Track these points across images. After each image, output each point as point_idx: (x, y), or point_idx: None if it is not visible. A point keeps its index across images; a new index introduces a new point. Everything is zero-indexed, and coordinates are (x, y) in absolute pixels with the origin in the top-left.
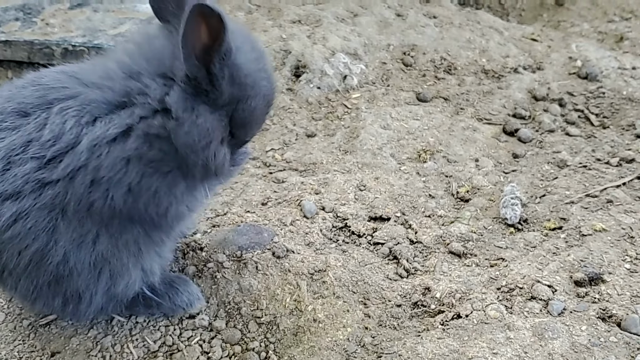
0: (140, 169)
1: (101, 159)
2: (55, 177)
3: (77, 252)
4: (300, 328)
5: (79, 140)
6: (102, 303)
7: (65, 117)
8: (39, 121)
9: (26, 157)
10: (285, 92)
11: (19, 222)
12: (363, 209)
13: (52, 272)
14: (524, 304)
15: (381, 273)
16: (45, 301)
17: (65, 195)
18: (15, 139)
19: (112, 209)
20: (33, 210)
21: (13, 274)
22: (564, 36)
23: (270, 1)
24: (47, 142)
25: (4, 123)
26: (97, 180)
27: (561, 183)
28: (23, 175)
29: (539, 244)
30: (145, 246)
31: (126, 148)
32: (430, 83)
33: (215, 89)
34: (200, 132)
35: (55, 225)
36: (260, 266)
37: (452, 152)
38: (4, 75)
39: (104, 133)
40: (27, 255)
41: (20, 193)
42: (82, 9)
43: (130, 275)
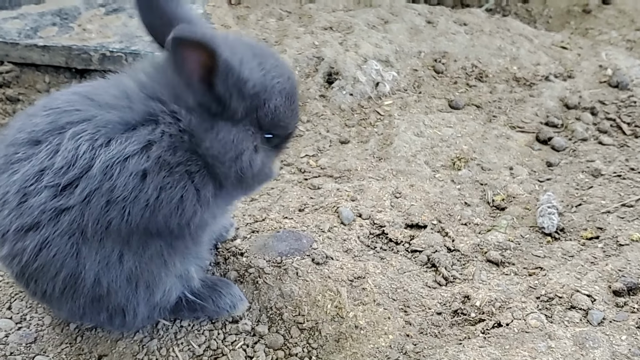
0: (159, 182)
1: (113, 179)
2: (72, 203)
3: (107, 273)
4: (342, 334)
5: (93, 163)
6: (147, 312)
7: (78, 142)
8: (50, 148)
9: (40, 187)
10: (318, 98)
11: (43, 251)
12: (399, 216)
13: (90, 294)
14: (564, 313)
15: (420, 281)
16: (92, 317)
17: (82, 219)
18: (28, 169)
19: (129, 227)
20: (54, 238)
21: (53, 298)
22: (592, 44)
23: (301, 8)
24: (60, 170)
25: (16, 155)
26: (112, 201)
27: (596, 192)
28: (39, 205)
29: (577, 253)
30: (171, 257)
31: (143, 160)
32: (462, 90)
33: (227, 107)
34: (225, 145)
35: (79, 249)
36: (300, 272)
37: (486, 160)
38: (41, 79)
39: (120, 152)
40: (60, 281)
41: (39, 223)
42: (118, 15)
43: (165, 284)
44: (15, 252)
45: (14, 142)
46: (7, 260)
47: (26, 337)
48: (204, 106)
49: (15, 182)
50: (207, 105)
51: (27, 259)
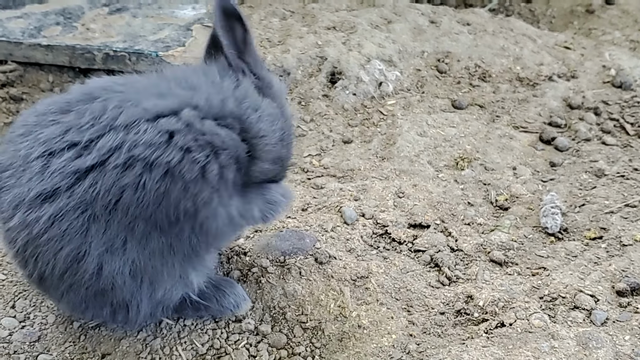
0: (185, 142)
1: (139, 135)
2: (89, 164)
3: (110, 259)
4: (345, 334)
5: (117, 118)
6: (150, 309)
7: (107, 103)
8: (80, 111)
9: (63, 146)
10: (321, 98)
11: (55, 224)
12: (402, 216)
13: (92, 283)
14: (567, 314)
15: (423, 280)
16: (95, 312)
17: (95, 187)
18: (55, 129)
19: (140, 206)
20: (68, 210)
21: (52, 281)
22: (596, 44)
23: (304, 7)
24: (84, 125)
25: (45, 120)
26: (130, 163)
27: (600, 192)
28: (60, 168)
29: (580, 253)
30: (170, 257)
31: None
32: (465, 90)
33: None
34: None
35: (88, 227)
36: (303, 272)
37: (490, 160)
38: (44, 78)
39: (148, 109)
40: (61, 259)
41: (57, 191)
42: (122, 15)
43: (166, 282)
44: (27, 223)
45: (44, 111)
46: (15, 232)
47: (30, 336)
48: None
49: (40, 143)
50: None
51: (37, 230)
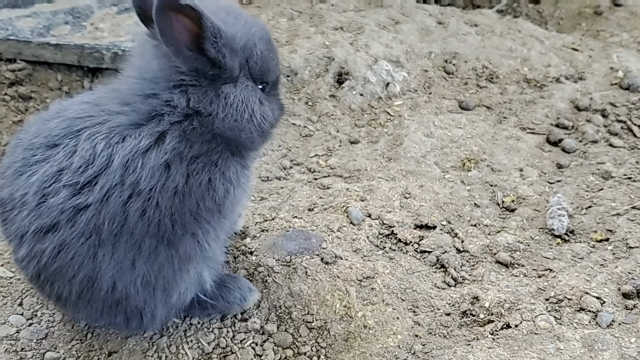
0: (184, 170)
1: (137, 172)
2: (90, 201)
3: (122, 277)
4: (351, 334)
5: (111, 159)
6: (164, 314)
7: (94, 142)
8: (67, 149)
9: (59, 187)
10: (328, 98)
11: (62, 253)
12: (409, 217)
13: (106, 298)
14: (573, 315)
15: (429, 281)
16: (109, 320)
17: (99, 218)
18: (46, 170)
19: (148, 223)
20: (72, 239)
21: (69, 301)
22: (604, 46)
23: (312, 8)
24: (78, 169)
25: (34, 157)
26: (134, 194)
27: (607, 194)
28: (58, 204)
29: (586, 255)
30: (183, 265)
31: (163, 152)
32: (472, 91)
33: (223, 67)
34: (238, 108)
35: (95, 252)
36: (309, 271)
37: (496, 161)
38: (53, 77)
39: (135, 146)
40: (77, 284)
41: (58, 224)
42: (130, 14)
43: (180, 286)
44: (33, 254)
45: (31, 146)
46: (25, 262)
47: (37, 333)
48: (199, 74)
49: (33, 183)
50: (203, 71)
51: (45, 260)
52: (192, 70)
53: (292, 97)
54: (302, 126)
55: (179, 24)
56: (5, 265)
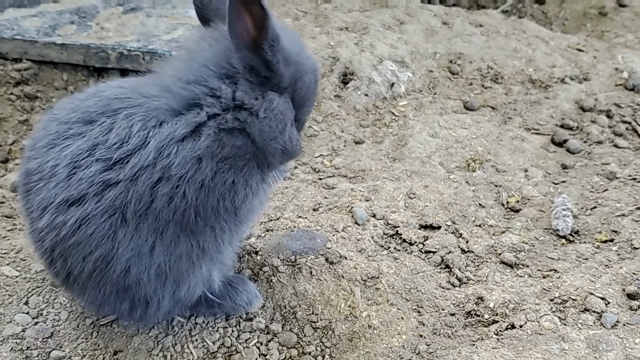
0: (214, 166)
1: (170, 157)
2: (121, 178)
3: (137, 262)
4: (356, 334)
5: (147, 141)
6: (170, 307)
7: (131, 122)
8: (104, 126)
9: (92, 160)
10: (333, 98)
11: (82, 227)
12: (413, 217)
13: (117, 281)
14: (577, 316)
15: (434, 281)
16: (113, 306)
17: (127, 196)
18: (81, 144)
19: (173, 210)
20: (96, 215)
21: (79, 280)
22: (608, 47)
23: (317, 8)
24: (113, 145)
25: (70, 131)
26: (164, 178)
27: (611, 195)
28: (88, 177)
29: (591, 256)
30: (199, 259)
31: (197, 147)
32: (477, 92)
33: (275, 73)
34: (276, 117)
35: (115, 231)
36: (314, 271)
37: (501, 162)
38: (59, 77)
39: (172, 133)
40: (91, 262)
41: (85, 197)
42: (136, 14)
43: (190, 281)
44: (54, 225)
45: (67, 120)
46: (43, 233)
47: (43, 332)
48: (253, 71)
49: (66, 155)
50: (256, 70)
51: (64, 233)
52: (246, 66)
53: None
54: (307, 126)
55: (246, 21)
56: (10, 264)
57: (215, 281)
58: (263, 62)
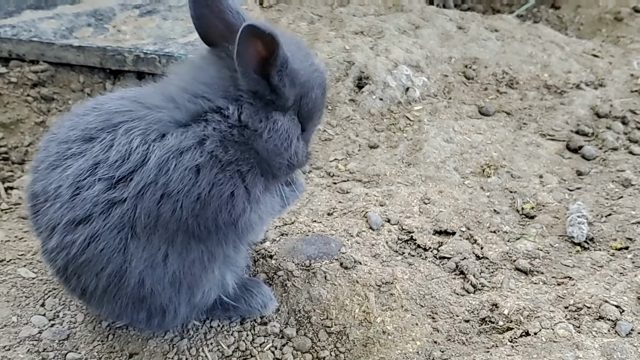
0: (212, 178)
1: (169, 173)
2: (125, 196)
3: (151, 272)
4: (370, 339)
5: (147, 158)
6: (187, 313)
7: (131, 137)
8: (104, 143)
9: (94, 180)
10: (347, 102)
11: (92, 244)
12: (428, 223)
13: (133, 293)
14: (592, 324)
15: (448, 287)
16: (130, 317)
17: (134, 212)
18: (82, 163)
19: (178, 222)
20: (104, 231)
21: (94, 295)
22: (624, 52)
23: (332, 12)
24: (114, 163)
25: (69, 150)
26: (166, 195)
27: (626, 202)
28: (92, 197)
29: (606, 263)
30: (211, 264)
31: (198, 154)
32: (492, 97)
33: (280, 96)
34: (281, 136)
35: (126, 245)
36: (328, 276)
37: (516, 168)
38: (75, 79)
39: (174, 145)
40: (104, 278)
41: (91, 216)
42: (152, 17)
43: (204, 286)
44: (63, 245)
45: (66, 139)
46: (53, 253)
47: (59, 334)
48: (257, 95)
49: (68, 176)
50: (261, 94)
51: (75, 252)
52: (251, 90)
53: None
54: (322, 130)
55: (254, 48)
56: (27, 266)
57: (230, 284)
58: (269, 86)
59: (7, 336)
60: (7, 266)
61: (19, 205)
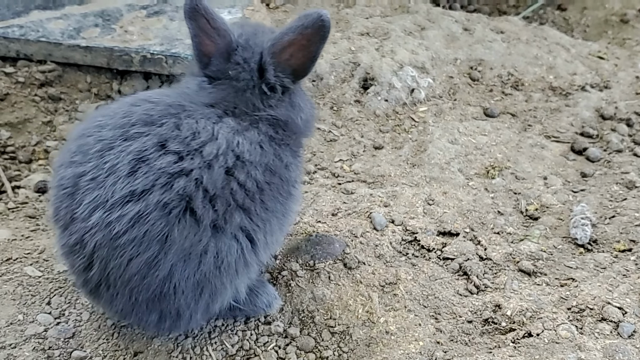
0: (273, 149)
1: (240, 145)
2: (194, 166)
3: (182, 267)
4: (373, 339)
5: (215, 133)
6: (201, 319)
7: (195, 119)
8: (169, 125)
9: (160, 154)
10: (353, 103)
11: (137, 224)
12: (432, 224)
13: (156, 289)
14: (594, 325)
15: (451, 288)
16: (140, 316)
17: (200, 182)
18: (146, 141)
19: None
20: (156, 208)
21: (113, 286)
22: (630, 54)
23: (338, 13)
24: (186, 138)
25: (128, 133)
26: (238, 163)
27: (630, 204)
28: (158, 169)
29: (609, 265)
30: (241, 269)
31: (257, 134)
32: (497, 98)
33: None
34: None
35: (170, 230)
36: (332, 276)
37: (520, 169)
38: (83, 79)
39: (236, 126)
40: (135, 265)
41: (151, 189)
42: (159, 17)
43: (225, 295)
44: (106, 222)
45: (122, 124)
46: (88, 233)
47: (64, 332)
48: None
49: (129, 152)
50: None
51: (117, 230)
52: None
53: (318, 101)
54: (327, 131)
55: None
56: (33, 264)
57: (242, 293)
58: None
59: (13, 334)
60: (13, 265)
61: (26, 204)
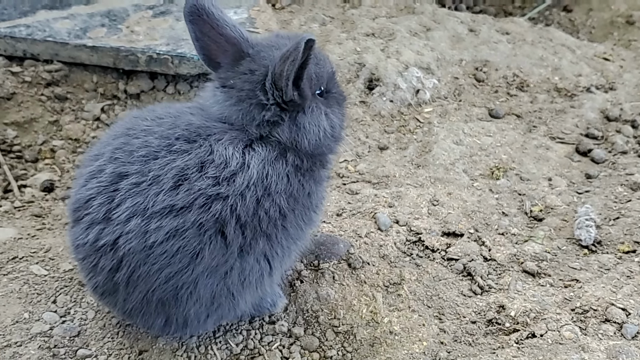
0: (298, 179)
1: (269, 177)
2: (230, 193)
3: (205, 280)
4: (377, 339)
5: (247, 162)
6: (210, 327)
7: (224, 145)
8: (205, 147)
9: (200, 175)
10: (358, 104)
11: (173, 239)
12: (436, 224)
13: (174, 292)
14: (598, 326)
15: (455, 289)
16: (146, 318)
17: (235, 209)
18: (188, 160)
19: (271, 217)
20: (193, 226)
21: (132, 289)
22: (635, 56)
23: (344, 14)
24: (220, 165)
25: (173, 146)
26: (266, 194)
27: (635, 206)
28: (198, 189)
29: (613, 266)
30: (258, 287)
31: (285, 165)
32: (502, 99)
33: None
34: (313, 131)
35: (202, 250)
36: (337, 276)
37: (525, 170)
38: (89, 79)
39: (266, 156)
40: (164, 278)
41: (190, 207)
42: (165, 18)
43: (238, 311)
44: (144, 230)
45: (168, 135)
46: (123, 237)
47: (70, 331)
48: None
49: (173, 167)
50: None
51: (153, 240)
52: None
53: None
54: None
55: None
56: (39, 263)
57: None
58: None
59: (18, 332)
60: (19, 263)
61: (32, 203)
